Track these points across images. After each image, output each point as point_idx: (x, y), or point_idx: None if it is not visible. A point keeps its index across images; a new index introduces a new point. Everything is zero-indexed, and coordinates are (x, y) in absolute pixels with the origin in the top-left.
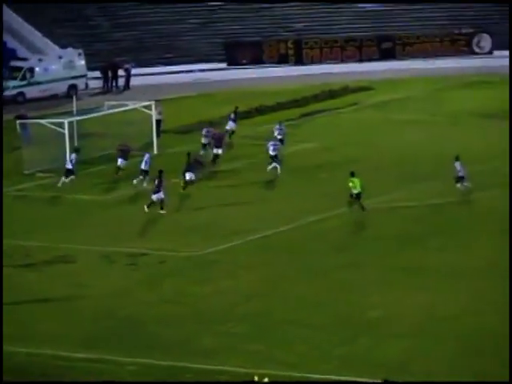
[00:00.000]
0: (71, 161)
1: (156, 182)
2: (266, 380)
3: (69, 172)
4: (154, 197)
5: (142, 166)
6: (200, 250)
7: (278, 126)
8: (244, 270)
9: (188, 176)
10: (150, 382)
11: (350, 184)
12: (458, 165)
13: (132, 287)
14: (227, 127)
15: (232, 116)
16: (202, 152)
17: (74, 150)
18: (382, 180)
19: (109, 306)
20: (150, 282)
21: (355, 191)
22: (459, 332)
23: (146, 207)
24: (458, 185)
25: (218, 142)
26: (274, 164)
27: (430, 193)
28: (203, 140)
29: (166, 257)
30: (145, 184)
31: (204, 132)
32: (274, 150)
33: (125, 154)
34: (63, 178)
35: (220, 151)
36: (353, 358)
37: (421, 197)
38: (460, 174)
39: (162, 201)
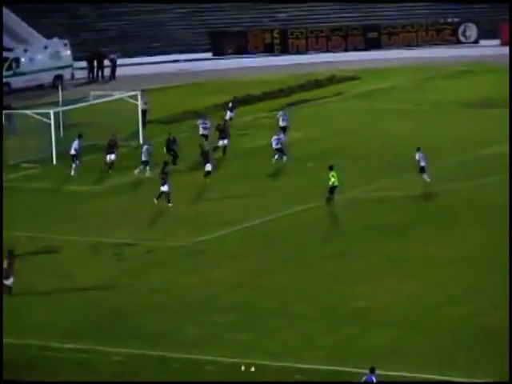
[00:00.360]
0: (75, 148)
1: (162, 174)
2: (252, 369)
3: (73, 157)
4: (163, 188)
5: (143, 157)
6: (187, 240)
7: (281, 113)
8: (231, 260)
9: (209, 167)
10: (140, 382)
11: (332, 179)
12: (419, 155)
13: (119, 277)
14: (225, 117)
15: (230, 105)
16: (205, 143)
17: (78, 135)
18: (368, 170)
19: (96, 296)
20: (136, 272)
21: (336, 184)
22: (445, 321)
23: (155, 199)
24: (424, 176)
25: (223, 132)
26: (277, 156)
27: (417, 182)
28: (202, 131)
29: (153, 247)
30: (147, 174)
31: (201, 124)
32: (277, 143)
33: (113, 148)
34: (73, 165)
35: (226, 142)
36: (339, 348)
37: (407, 186)
38: (421, 165)
39: (167, 194)
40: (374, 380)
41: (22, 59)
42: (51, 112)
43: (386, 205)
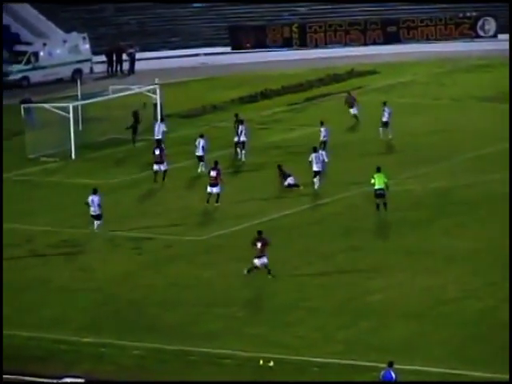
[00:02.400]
0: (159, 132)
1: (212, 173)
2: (271, 364)
3: (157, 142)
4: (212, 190)
5: (199, 152)
6: (205, 234)
7: (383, 108)
8: (248, 253)
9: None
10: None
11: (372, 181)
12: (318, 155)
13: (136, 271)
14: (351, 113)
15: (350, 100)
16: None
17: (161, 119)
18: (386, 164)
19: (113, 290)
20: (154, 266)
21: (376, 187)
22: (462, 315)
23: (206, 201)
24: (315, 179)
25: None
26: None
27: (434, 176)
28: (236, 139)
29: (171, 241)
30: (203, 169)
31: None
32: (324, 136)
33: (161, 158)
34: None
35: (244, 138)
36: (356, 342)
37: (424, 180)
38: (316, 168)
39: (217, 194)
40: (393, 374)
41: (41, 53)
42: (70, 106)
43: (404, 199)
